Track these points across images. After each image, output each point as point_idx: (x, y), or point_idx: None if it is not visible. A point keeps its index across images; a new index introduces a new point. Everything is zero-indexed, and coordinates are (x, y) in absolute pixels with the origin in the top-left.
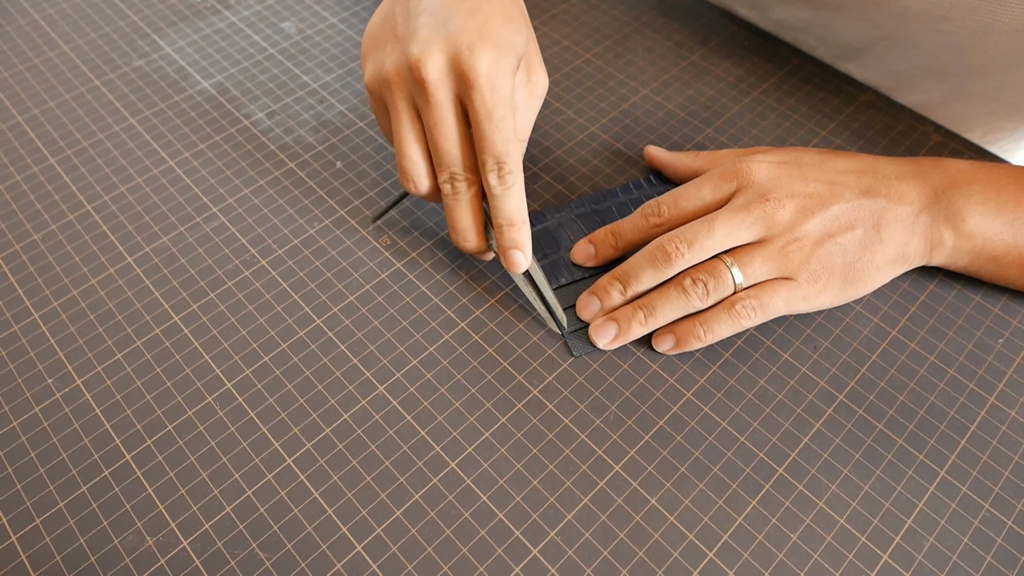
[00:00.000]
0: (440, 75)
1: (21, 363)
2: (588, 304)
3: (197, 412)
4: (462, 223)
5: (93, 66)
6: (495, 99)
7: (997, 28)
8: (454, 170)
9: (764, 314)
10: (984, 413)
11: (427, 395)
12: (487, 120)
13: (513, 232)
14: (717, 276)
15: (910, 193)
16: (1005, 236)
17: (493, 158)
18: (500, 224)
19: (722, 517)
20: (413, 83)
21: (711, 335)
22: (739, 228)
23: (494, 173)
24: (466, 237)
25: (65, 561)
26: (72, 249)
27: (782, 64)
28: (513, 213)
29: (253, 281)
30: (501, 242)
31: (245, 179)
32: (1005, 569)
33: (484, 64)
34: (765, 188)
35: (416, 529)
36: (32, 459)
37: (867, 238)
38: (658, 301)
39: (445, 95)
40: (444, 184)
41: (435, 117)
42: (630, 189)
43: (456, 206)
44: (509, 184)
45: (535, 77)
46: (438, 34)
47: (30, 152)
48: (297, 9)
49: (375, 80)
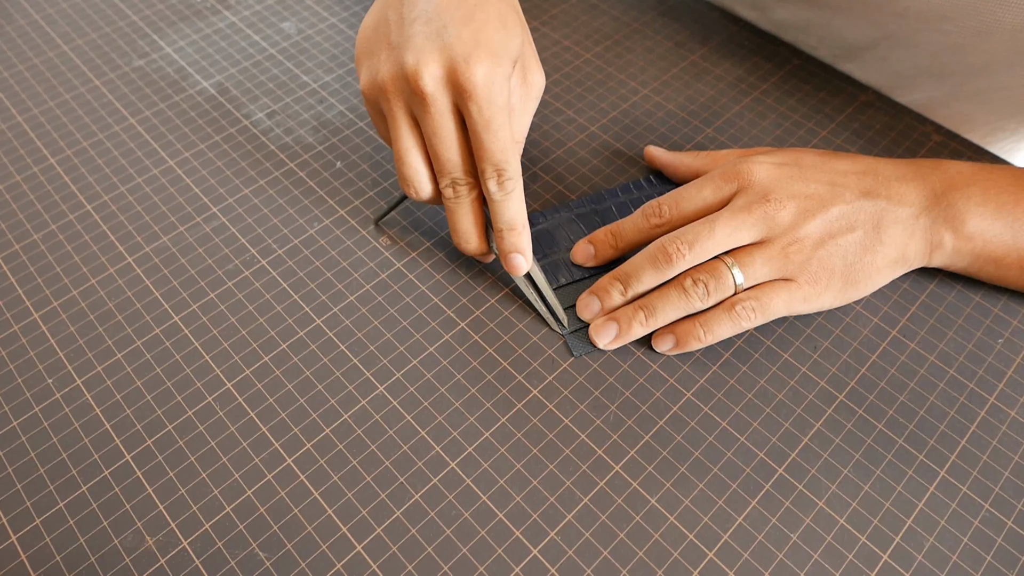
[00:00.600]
0: (437, 86)
1: (21, 363)
2: (588, 304)
3: (197, 412)
4: (463, 226)
5: (93, 66)
6: (492, 109)
7: (998, 28)
8: (455, 176)
9: (764, 315)
10: (984, 413)
11: (427, 395)
12: (485, 130)
13: (513, 236)
14: (718, 277)
15: (910, 195)
16: (1005, 238)
17: (492, 166)
18: (500, 228)
19: (722, 517)
20: (410, 92)
21: (711, 336)
22: (740, 229)
23: (493, 180)
24: (467, 240)
25: (65, 561)
26: (72, 249)
27: (782, 64)
28: (513, 218)
29: (253, 281)
30: (502, 246)
31: (245, 179)
32: (1005, 569)
33: (480, 75)
34: (766, 189)
35: (416, 529)
36: (32, 459)
37: (867, 239)
38: (659, 301)
39: (443, 105)
40: (446, 189)
41: (433, 126)
42: (630, 189)
43: (457, 209)
44: (508, 190)
45: (531, 78)
46: (433, 44)
47: (30, 152)
48: (297, 9)
49: (371, 87)
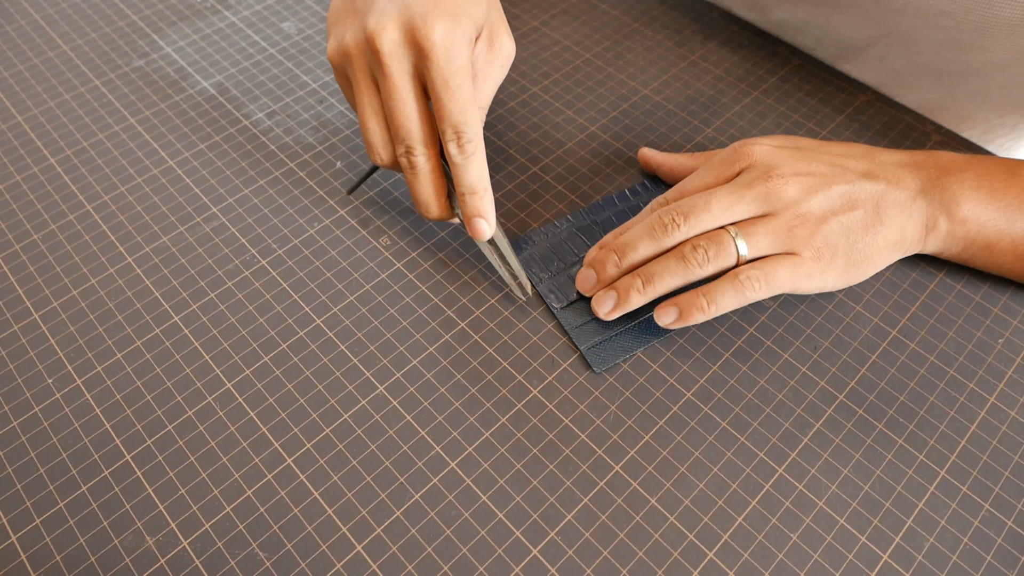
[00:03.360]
0: (395, 47)
1: (21, 363)
2: (586, 278)
3: (197, 412)
4: (422, 195)
5: (93, 66)
6: (451, 68)
7: (996, 23)
8: (409, 143)
9: (769, 286)
10: (984, 413)
11: (427, 395)
12: (444, 89)
13: (475, 200)
14: (719, 243)
15: (907, 178)
16: (998, 222)
17: (451, 127)
18: (463, 193)
19: (722, 517)
20: (371, 56)
21: (714, 307)
22: (738, 203)
23: (453, 143)
24: (427, 208)
25: (65, 561)
26: (72, 249)
27: (782, 64)
28: (475, 181)
29: (253, 281)
30: (464, 211)
31: (245, 179)
32: (1005, 569)
33: (439, 33)
34: (769, 167)
35: (416, 529)
36: (32, 459)
37: (868, 219)
38: (656, 267)
39: (401, 67)
40: (401, 158)
41: (390, 89)
42: (627, 196)
43: (413, 179)
44: (469, 153)
45: (498, 44)
46: (394, 5)
47: (30, 152)
48: (297, 9)
49: (336, 54)
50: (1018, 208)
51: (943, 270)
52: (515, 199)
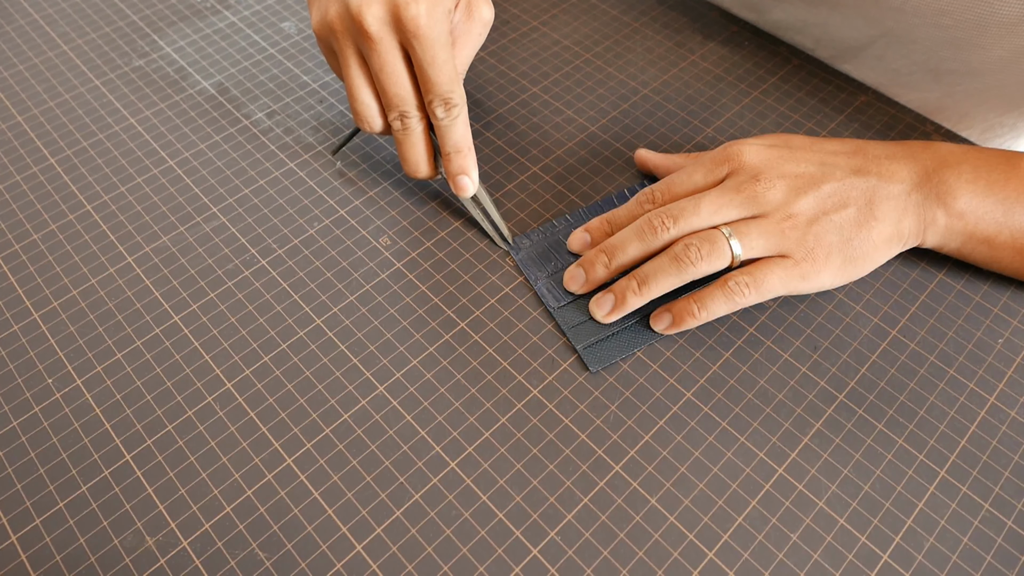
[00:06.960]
0: (380, 26)
1: (21, 363)
2: (575, 276)
3: (197, 412)
4: (413, 156)
5: (93, 66)
6: (436, 47)
7: (995, 21)
8: (403, 109)
9: (759, 291)
10: (984, 413)
11: (427, 395)
12: (430, 66)
13: (460, 158)
14: (711, 240)
15: (900, 172)
16: (996, 215)
17: (439, 97)
18: (448, 152)
19: (722, 517)
20: (356, 31)
21: (705, 312)
22: (726, 207)
23: (441, 108)
24: (417, 168)
25: (65, 561)
26: (72, 249)
27: (782, 64)
28: (459, 140)
29: (253, 281)
30: (449, 168)
31: (245, 179)
32: (1005, 569)
33: (423, 13)
34: (757, 170)
35: (416, 529)
36: (32, 459)
37: (861, 215)
38: (650, 268)
39: (388, 43)
40: (394, 122)
41: (380, 63)
42: (626, 196)
43: (406, 140)
44: (455, 115)
45: (476, 12)
46: None
47: (30, 152)
48: (297, 9)
49: (321, 27)
50: (1017, 200)
51: (943, 270)
52: (515, 199)
